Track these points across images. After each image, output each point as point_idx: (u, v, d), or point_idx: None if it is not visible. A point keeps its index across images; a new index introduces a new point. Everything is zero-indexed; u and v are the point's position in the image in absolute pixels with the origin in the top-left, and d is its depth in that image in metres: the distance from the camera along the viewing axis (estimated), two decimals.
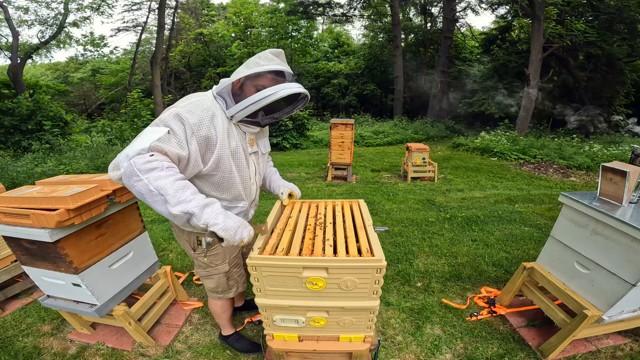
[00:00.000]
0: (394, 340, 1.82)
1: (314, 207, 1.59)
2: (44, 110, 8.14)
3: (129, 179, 0.97)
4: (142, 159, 0.97)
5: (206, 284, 1.56)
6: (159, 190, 0.96)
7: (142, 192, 0.97)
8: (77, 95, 18.40)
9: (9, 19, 10.79)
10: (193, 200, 1.00)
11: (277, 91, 1.16)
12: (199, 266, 1.50)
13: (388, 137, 10.54)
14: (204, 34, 17.31)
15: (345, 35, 22.93)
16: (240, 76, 1.20)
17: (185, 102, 1.17)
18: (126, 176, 0.97)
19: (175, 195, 0.97)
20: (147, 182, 0.95)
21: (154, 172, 0.97)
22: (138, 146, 1.00)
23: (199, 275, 1.55)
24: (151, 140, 1.02)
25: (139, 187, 0.96)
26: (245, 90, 1.21)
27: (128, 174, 0.97)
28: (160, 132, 1.05)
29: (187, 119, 1.10)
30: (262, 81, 1.20)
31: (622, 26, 10.14)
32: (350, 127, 5.13)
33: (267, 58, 1.22)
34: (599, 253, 1.46)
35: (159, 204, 0.97)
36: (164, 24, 11.68)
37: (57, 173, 5.47)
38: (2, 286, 2.12)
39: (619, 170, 1.48)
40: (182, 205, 0.97)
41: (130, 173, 0.96)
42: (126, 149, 1.01)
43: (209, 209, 1.02)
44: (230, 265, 1.52)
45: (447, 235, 3.13)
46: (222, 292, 1.56)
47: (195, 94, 1.25)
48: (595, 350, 1.72)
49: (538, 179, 5.65)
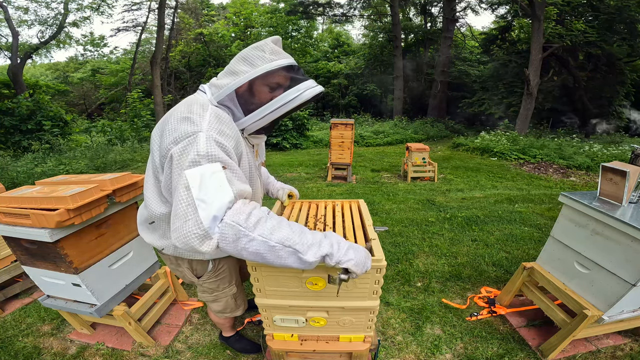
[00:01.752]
0: (394, 340, 1.82)
1: (314, 207, 1.59)
2: (44, 110, 8.14)
3: (235, 243, 0.81)
4: (240, 216, 0.81)
5: (213, 308, 1.45)
6: (283, 244, 0.82)
7: (259, 252, 0.82)
8: (77, 95, 18.39)
9: (9, 19, 10.79)
10: (320, 239, 0.88)
11: (300, 94, 0.98)
12: (204, 291, 1.38)
13: (388, 137, 10.53)
14: (204, 34, 17.31)
15: (345, 35, 22.94)
16: (248, 78, 0.99)
17: (199, 118, 0.93)
18: (230, 242, 0.81)
19: (302, 240, 0.84)
20: (264, 238, 0.81)
21: (263, 225, 0.82)
22: (219, 202, 0.81)
23: (204, 301, 1.43)
24: (227, 186, 0.84)
25: (255, 247, 0.81)
26: (256, 96, 1.01)
27: (233, 239, 0.81)
28: (219, 171, 0.85)
29: (224, 143, 0.91)
30: (274, 82, 1.00)
31: (622, 26, 10.14)
32: (350, 127, 5.13)
33: (272, 50, 1.01)
34: (599, 253, 1.46)
35: (285, 258, 0.83)
36: (164, 24, 11.68)
37: (57, 173, 5.47)
38: (2, 286, 2.12)
39: (619, 170, 1.48)
40: (314, 249, 0.85)
41: (235, 236, 0.81)
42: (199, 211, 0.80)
43: (336, 244, 0.90)
44: (236, 285, 1.43)
45: (447, 235, 3.13)
46: (230, 312, 1.48)
47: (192, 103, 0.99)
48: (595, 350, 1.72)
49: (538, 179, 5.65)
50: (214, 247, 0.82)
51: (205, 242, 0.81)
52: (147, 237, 1.25)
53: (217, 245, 0.83)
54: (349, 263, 0.89)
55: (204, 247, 0.81)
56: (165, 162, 0.93)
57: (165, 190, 1.01)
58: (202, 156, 0.85)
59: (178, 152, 0.88)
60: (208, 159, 0.86)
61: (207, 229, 0.80)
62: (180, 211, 0.82)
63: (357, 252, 0.92)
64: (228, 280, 1.38)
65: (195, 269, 1.29)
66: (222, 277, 1.35)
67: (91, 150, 7.22)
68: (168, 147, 0.91)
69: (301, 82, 0.99)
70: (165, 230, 1.16)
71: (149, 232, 1.25)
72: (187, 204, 0.82)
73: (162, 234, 1.19)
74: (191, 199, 0.81)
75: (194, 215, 0.80)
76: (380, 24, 17.18)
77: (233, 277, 1.41)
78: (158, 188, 1.06)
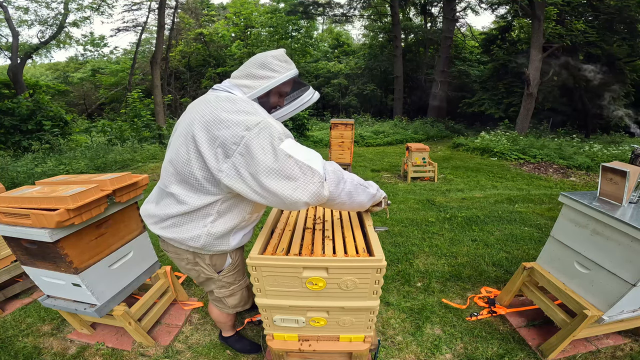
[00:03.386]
0: (394, 340, 1.82)
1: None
2: (44, 110, 8.14)
3: (337, 185, 1.09)
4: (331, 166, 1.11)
5: (229, 302, 1.46)
6: (360, 184, 1.19)
7: (350, 191, 1.13)
8: (77, 95, 18.39)
9: (9, 19, 10.78)
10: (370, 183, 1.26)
11: (310, 98, 1.18)
12: (221, 287, 1.39)
13: (388, 137, 10.53)
14: (204, 34, 17.31)
15: (345, 35, 22.94)
16: (276, 83, 1.14)
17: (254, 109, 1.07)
18: (335, 184, 1.08)
19: (364, 183, 1.22)
20: (351, 181, 1.15)
21: (344, 174, 1.13)
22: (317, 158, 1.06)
23: (220, 297, 1.43)
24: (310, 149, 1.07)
25: (348, 187, 1.12)
26: (272, 98, 1.18)
27: (336, 182, 1.08)
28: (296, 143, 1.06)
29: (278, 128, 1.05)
30: (286, 87, 1.18)
31: (622, 26, 10.14)
32: (350, 127, 5.13)
33: (286, 60, 1.17)
34: (599, 253, 1.46)
35: (360, 193, 1.17)
36: (164, 24, 11.66)
37: (57, 173, 5.47)
38: (2, 286, 2.12)
39: (619, 170, 1.48)
40: (371, 188, 1.24)
41: (337, 180, 1.09)
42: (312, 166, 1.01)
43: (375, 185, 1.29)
44: (248, 277, 1.44)
45: (447, 235, 3.13)
46: (243, 305, 1.51)
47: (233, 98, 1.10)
48: (595, 350, 1.72)
49: (538, 179, 5.65)
50: (328, 190, 1.05)
51: (324, 186, 1.03)
52: (169, 232, 1.20)
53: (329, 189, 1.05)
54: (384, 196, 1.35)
55: (324, 191, 1.03)
56: (237, 149, 1.00)
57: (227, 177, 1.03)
58: (282, 133, 1.02)
59: (254, 136, 0.99)
60: (286, 135, 1.04)
61: (323, 175, 1.04)
62: (296, 172, 0.99)
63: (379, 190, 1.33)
64: (242, 272, 1.46)
65: (215, 264, 1.31)
66: (239, 269, 1.42)
67: (91, 150, 7.21)
68: (240, 134, 0.99)
69: (304, 87, 1.19)
70: (198, 220, 1.15)
71: (172, 227, 1.19)
72: (300, 166, 0.99)
73: (191, 226, 1.16)
74: (300, 161, 0.99)
75: (310, 170, 1.00)
76: (380, 24, 17.18)
77: (245, 269, 1.46)
78: (191, 182, 1.09)
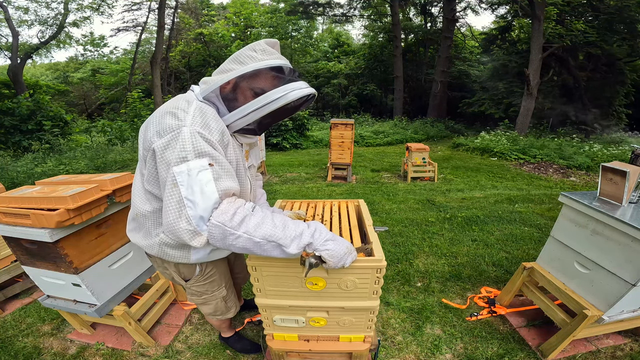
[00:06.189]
0: (394, 340, 1.82)
1: (313, 207, 1.59)
2: (44, 110, 8.14)
3: (223, 241, 0.88)
4: (225, 216, 0.86)
5: (203, 310, 1.43)
6: (267, 239, 0.88)
7: (246, 247, 0.89)
8: (77, 95, 18.39)
9: (9, 19, 10.79)
10: (302, 231, 0.93)
11: (286, 94, 0.94)
12: (193, 294, 1.36)
13: (388, 137, 10.53)
14: (204, 34, 17.30)
15: (345, 35, 22.94)
16: (233, 75, 0.97)
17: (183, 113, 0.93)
18: (218, 240, 0.88)
19: (285, 234, 0.90)
20: (249, 235, 0.87)
21: (247, 223, 0.88)
22: (204, 204, 0.86)
23: (194, 304, 1.41)
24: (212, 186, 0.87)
25: (241, 243, 0.88)
26: (241, 94, 0.99)
27: (220, 237, 0.87)
28: (205, 169, 0.87)
29: (208, 136, 0.91)
30: (261, 81, 0.97)
31: (622, 26, 10.14)
32: (350, 127, 5.13)
33: (263, 50, 0.99)
34: (599, 253, 1.46)
35: (270, 250, 0.90)
36: (164, 24, 11.69)
37: (57, 173, 5.47)
38: (2, 286, 2.12)
39: (619, 170, 1.48)
40: (297, 241, 0.91)
41: (222, 235, 0.87)
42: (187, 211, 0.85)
43: (317, 233, 0.95)
44: (227, 288, 1.41)
45: (447, 235, 3.13)
46: (221, 314, 1.46)
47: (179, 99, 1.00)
48: (595, 350, 1.72)
49: (538, 179, 5.64)
50: (204, 242, 0.89)
51: (195, 238, 0.88)
52: (133, 236, 1.21)
53: (207, 241, 0.89)
54: (325, 252, 0.94)
55: (194, 242, 0.87)
56: (148, 156, 0.94)
57: (148, 183, 1.01)
58: (189, 151, 0.87)
59: (161, 146, 0.89)
60: (195, 154, 0.87)
61: (196, 226, 0.86)
62: (171, 207, 0.87)
63: (337, 245, 0.96)
64: (217, 283, 1.36)
65: (182, 272, 1.26)
66: (211, 280, 1.33)
67: (91, 150, 7.22)
68: (151, 140, 0.92)
69: (289, 82, 0.96)
70: (150, 228, 1.11)
71: (134, 231, 1.20)
72: (177, 201, 0.86)
73: (146, 232, 1.13)
74: (180, 196, 0.86)
75: (185, 212, 0.86)
76: (380, 24, 17.18)
77: (223, 280, 1.38)
78: (140, 184, 1.06)
